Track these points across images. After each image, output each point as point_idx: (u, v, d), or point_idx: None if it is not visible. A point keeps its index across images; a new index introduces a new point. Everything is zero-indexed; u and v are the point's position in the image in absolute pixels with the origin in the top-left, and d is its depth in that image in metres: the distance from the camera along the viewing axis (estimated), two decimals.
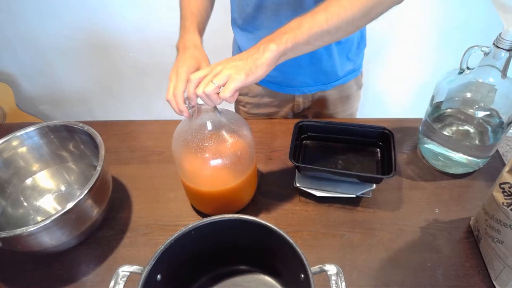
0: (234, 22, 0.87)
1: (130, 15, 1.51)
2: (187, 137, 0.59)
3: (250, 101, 0.97)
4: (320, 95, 0.92)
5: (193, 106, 0.55)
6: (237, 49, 0.91)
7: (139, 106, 1.88)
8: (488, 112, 0.65)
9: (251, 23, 0.80)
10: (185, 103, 0.54)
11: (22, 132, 0.68)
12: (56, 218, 0.53)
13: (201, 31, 0.69)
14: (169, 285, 0.51)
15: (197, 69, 0.58)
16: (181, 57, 0.60)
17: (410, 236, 0.65)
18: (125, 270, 0.46)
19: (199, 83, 0.53)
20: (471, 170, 0.74)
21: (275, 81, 0.90)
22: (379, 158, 0.73)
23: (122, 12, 1.51)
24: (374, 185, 0.68)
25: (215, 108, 0.57)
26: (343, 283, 0.44)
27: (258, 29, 0.80)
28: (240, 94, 0.97)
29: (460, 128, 0.70)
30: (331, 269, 0.45)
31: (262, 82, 0.91)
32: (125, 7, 1.49)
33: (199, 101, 0.54)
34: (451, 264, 0.61)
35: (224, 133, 0.59)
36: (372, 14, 0.57)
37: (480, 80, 0.64)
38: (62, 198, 0.72)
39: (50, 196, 0.72)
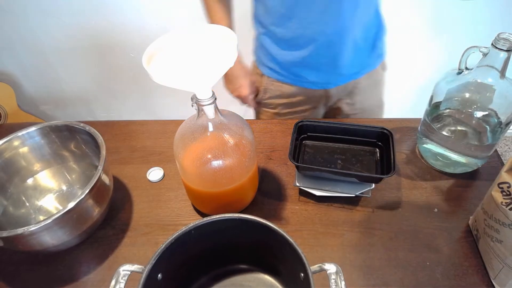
0: (259, 24, 0.88)
1: (130, 16, 1.52)
2: (189, 137, 0.59)
3: (282, 102, 0.97)
4: (352, 84, 0.94)
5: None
6: (263, 49, 0.92)
7: (140, 106, 1.89)
8: (486, 112, 0.66)
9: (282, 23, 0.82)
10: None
11: (23, 132, 0.68)
12: (57, 218, 0.53)
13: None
14: (170, 284, 0.52)
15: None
16: (232, 77, 0.91)
17: (409, 235, 0.65)
18: (126, 269, 0.47)
19: None
20: (470, 170, 0.74)
21: (312, 81, 0.91)
22: (378, 158, 0.74)
23: (123, 12, 1.51)
24: (373, 185, 0.69)
25: (216, 109, 0.57)
26: (343, 282, 0.44)
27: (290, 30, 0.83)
28: (270, 98, 0.98)
29: (459, 128, 0.70)
30: (330, 268, 0.46)
31: (297, 83, 0.92)
32: (126, 7, 1.49)
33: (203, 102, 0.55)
34: (450, 263, 0.61)
35: (226, 134, 0.59)
36: None
37: (479, 81, 0.64)
38: (63, 197, 0.73)
39: (51, 195, 0.73)
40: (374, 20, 0.86)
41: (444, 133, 0.71)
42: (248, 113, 1.91)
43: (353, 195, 0.68)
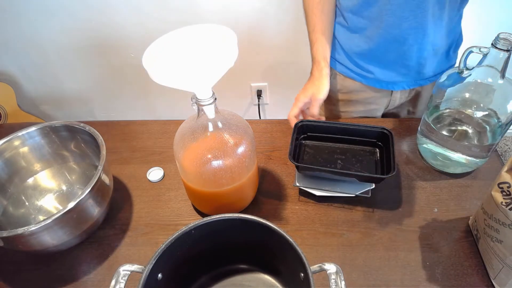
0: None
1: (131, 16, 1.52)
2: (189, 137, 0.59)
3: (342, 98, 0.93)
4: (417, 90, 0.91)
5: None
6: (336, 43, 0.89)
7: (140, 106, 1.89)
8: (486, 112, 0.66)
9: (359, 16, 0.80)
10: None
11: (23, 132, 0.68)
12: (57, 218, 0.53)
13: (327, 50, 0.81)
14: (170, 284, 0.52)
15: (311, 98, 0.78)
16: (305, 86, 0.80)
17: (409, 235, 0.65)
18: (126, 269, 0.47)
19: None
20: (469, 170, 0.74)
21: (377, 79, 0.88)
22: (378, 158, 0.74)
23: (123, 12, 1.51)
24: (373, 185, 0.69)
25: (216, 109, 0.57)
26: (343, 282, 0.44)
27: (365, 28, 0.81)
28: (329, 91, 0.86)
29: (459, 128, 0.70)
30: (330, 268, 0.46)
31: (361, 79, 0.89)
32: (126, 7, 1.49)
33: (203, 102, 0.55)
34: (450, 263, 0.61)
35: (226, 134, 0.59)
36: None
37: (479, 81, 0.64)
38: (63, 197, 0.73)
39: (51, 195, 0.73)
40: (454, 28, 0.82)
41: (444, 133, 0.71)
42: (248, 113, 1.91)
43: (353, 195, 0.68)
